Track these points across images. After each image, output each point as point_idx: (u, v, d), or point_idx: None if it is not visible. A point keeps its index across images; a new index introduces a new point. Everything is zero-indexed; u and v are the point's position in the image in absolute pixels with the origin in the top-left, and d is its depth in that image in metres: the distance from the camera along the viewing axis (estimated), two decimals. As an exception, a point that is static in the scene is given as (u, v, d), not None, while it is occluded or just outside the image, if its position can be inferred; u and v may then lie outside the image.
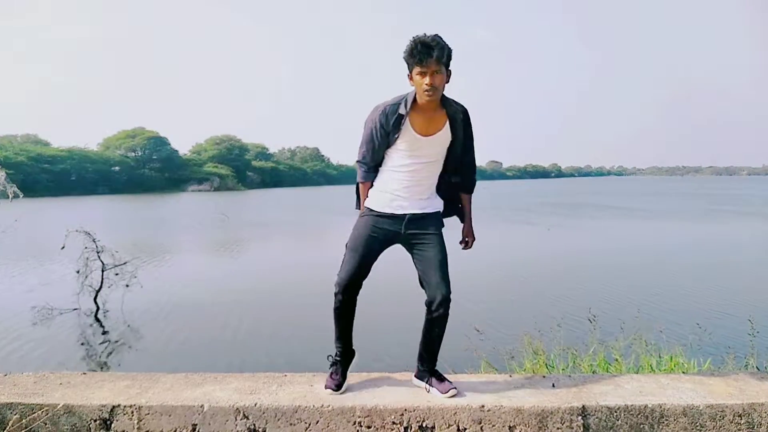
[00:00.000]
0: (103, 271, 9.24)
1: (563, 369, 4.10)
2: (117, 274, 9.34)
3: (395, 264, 3.34)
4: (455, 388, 2.39)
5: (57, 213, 30.11)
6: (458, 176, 2.66)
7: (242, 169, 79.75)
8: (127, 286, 9.23)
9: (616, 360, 4.06)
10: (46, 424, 2.29)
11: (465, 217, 2.74)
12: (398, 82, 2.68)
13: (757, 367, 3.98)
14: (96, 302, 9.03)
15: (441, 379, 2.46)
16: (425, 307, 2.48)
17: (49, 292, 9.61)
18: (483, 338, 4.65)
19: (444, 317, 2.46)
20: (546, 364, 4.14)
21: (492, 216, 26.68)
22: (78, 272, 9.03)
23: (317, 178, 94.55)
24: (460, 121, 2.49)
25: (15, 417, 2.27)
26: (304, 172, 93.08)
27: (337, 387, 2.40)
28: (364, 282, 2.53)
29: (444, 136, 2.49)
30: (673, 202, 42.14)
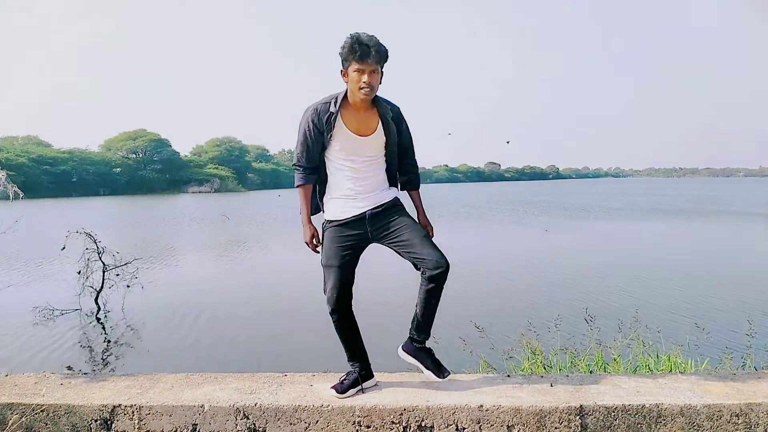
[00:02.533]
0: (104, 271, 9.24)
1: (561, 369, 4.11)
2: (118, 275, 9.35)
3: (388, 264, 3.36)
4: (449, 372, 2.45)
5: (58, 214, 30.14)
6: (404, 176, 2.69)
7: (242, 170, 79.86)
8: (128, 286, 9.23)
9: (614, 360, 4.07)
10: (46, 424, 2.30)
11: (418, 211, 2.72)
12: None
13: (754, 367, 3.99)
14: (97, 303, 9.04)
15: (438, 363, 2.49)
16: (423, 280, 2.47)
17: (50, 293, 9.62)
18: (481, 338, 4.65)
19: (442, 285, 2.46)
20: (544, 364, 4.15)
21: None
22: (79, 273, 9.03)
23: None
24: (390, 119, 2.50)
25: (16, 417, 2.28)
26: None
27: (343, 391, 2.40)
28: (354, 288, 2.54)
29: (378, 136, 2.50)
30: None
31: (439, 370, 2.51)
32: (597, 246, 17.30)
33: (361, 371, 2.50)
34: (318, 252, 2.56)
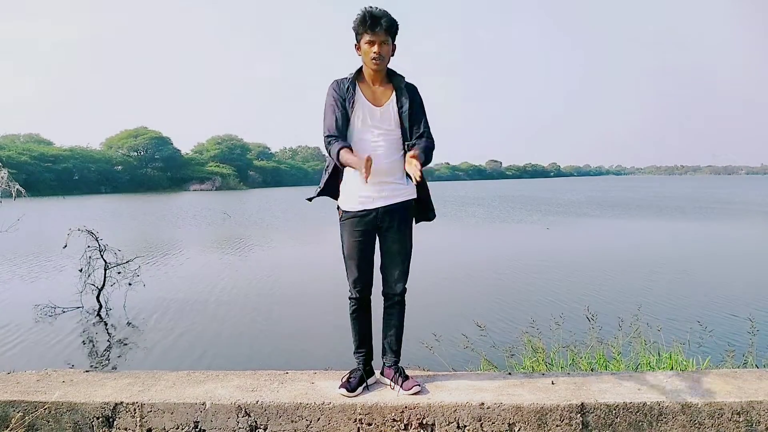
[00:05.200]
0: (105, 269, 9.26)
1: (562, 367, 4.11)
2: (120, 273, 9.36)
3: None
4: (419, 384, 2.42)
5: (59, 212, 30.17)
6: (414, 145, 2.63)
7: (244, 168, 79.82)
8: (130, 284, 9.25)
9: (615, 358, 4.07)
10: (48, 421, 2.30)
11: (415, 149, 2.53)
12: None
13: (756, 365, 3.98)
14: (99, 300, 9.06)
15: (406, 377, 2.49)
16: (382, 298, 2.61)
17: (51, 291, 9.64)
18: (482, 336, 4.65)
19: (401, 308, 2.60)
20: (545, 362, 4.15)
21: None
22: (81, 271, 9.05)
23: (318, 177, 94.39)
24: (404, 89, 2.55)
25: (18, 414, 2.29)
26: (305, 171, 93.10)
27: (352, 390, 2.40)
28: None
29: (393, 107, 2.55)
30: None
31: (404, 382, 2.47)
32: (598, 244, 17.29)
33: (365, 366, 2.55)
34: (365, 175, 2.27)
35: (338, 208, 2.65)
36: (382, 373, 2.59)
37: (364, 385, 2.46)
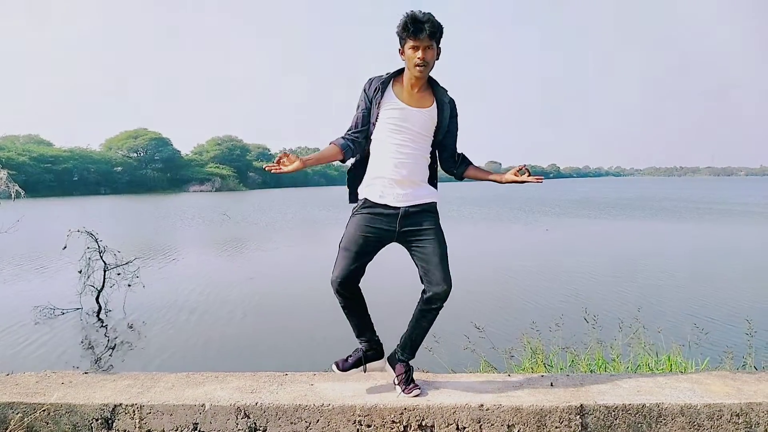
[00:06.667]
0: (105, 270, 9.26)
1: (562, 368, 4.11)
2: (119, 274, 9.37)
3: (394, 261, 3.36)
4: (419, 388, 2.39)
5: (59, 213, 30.16)
6: (463, 165, 2.63)
7: (243, 169, 79.86)
8: (129, 285, 9.25)
9: (614, 359, 4.08)
10: (47, 423, 2.30)
11: (489, 173, 2.63)
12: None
13: (754, 367, 3.99)
14: (98, 302, 9.06)
15: (412, 380, 2.44)
16: (422, 298, 2.45)
17: (51, 292, 9.64)
18: (482, 337, 4.65)
19: (437, 311, 2.47)
20: (544, 364, 4.15)
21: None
22: (80, 272, 9.05)
23: (318, 178, 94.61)
24: (447, 104, 2.49)
25: (17, 416, 2.28)
26: (305, 173, 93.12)
27: (345, 369, 2.40)
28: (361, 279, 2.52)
29: (430, 114, 2.47)
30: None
31: (407, 385, 2.44)
32: (597, 245, 17.29)
33: (367, 351, 2.49)
34: (271, 170, 2.40)
35: (355, 198, 2.56)
36: (391, 364, 2.53)
37: (362, 367, 2.43)
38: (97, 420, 2.31)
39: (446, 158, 2.60)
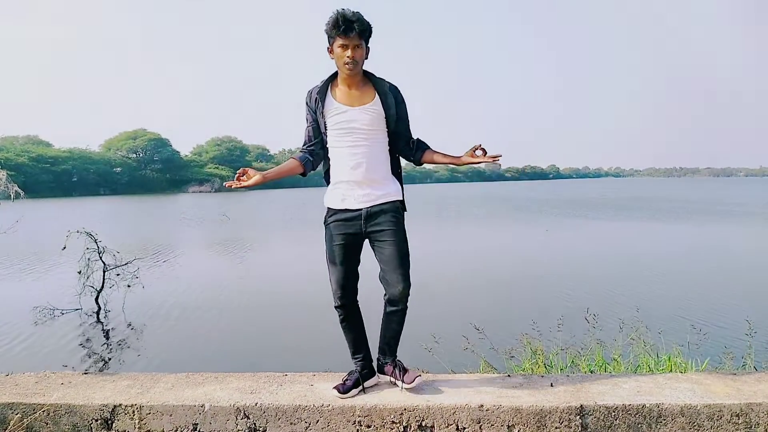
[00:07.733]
0: (104, 271, 9.26)
1: (562, 369, 4.11)
2: (118, 275, 9.36)
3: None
4: (420, 375, 2.43)
5: (58, 214, 30.15)
6: (411, 148, 2.60)
7: (243, 170, 79.96)
8: (129, 286, 9.25)
9: (615, 360, 4.07)
10: (47, 423, 2.30)
11: (446, 156, 2.59)
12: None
13: (754, 367, 3.99)
14: (97, 302, 9.06)
15: (405, 370, 2.47)
16: (384, 302, 2.50)
17: (50, 293, 9.63)
18: (482, 338, 4.65)
19: (403, 312, 2.50)
20: (544, 364, 4.15)
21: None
22: (80, 273, 9.04)
23: (317, 179, 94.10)
24: (389, 94, 2.48)
25: (16, 416, 2.28)
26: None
27: (345, 391, 2.38)
28: (360, 285, 2.54)
29: (374, 109, 2.47)
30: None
31: (404, 374, 2.46)
32: (597, 246, 17.30)
33: (363, 370, 2.50)
34: (232, 186, 2.47)
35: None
36: (381, 371, 2.57)
37: (360, 388, 2.42)
38: (96, 420, 2.31)
39: (401, 146, 2.59)
